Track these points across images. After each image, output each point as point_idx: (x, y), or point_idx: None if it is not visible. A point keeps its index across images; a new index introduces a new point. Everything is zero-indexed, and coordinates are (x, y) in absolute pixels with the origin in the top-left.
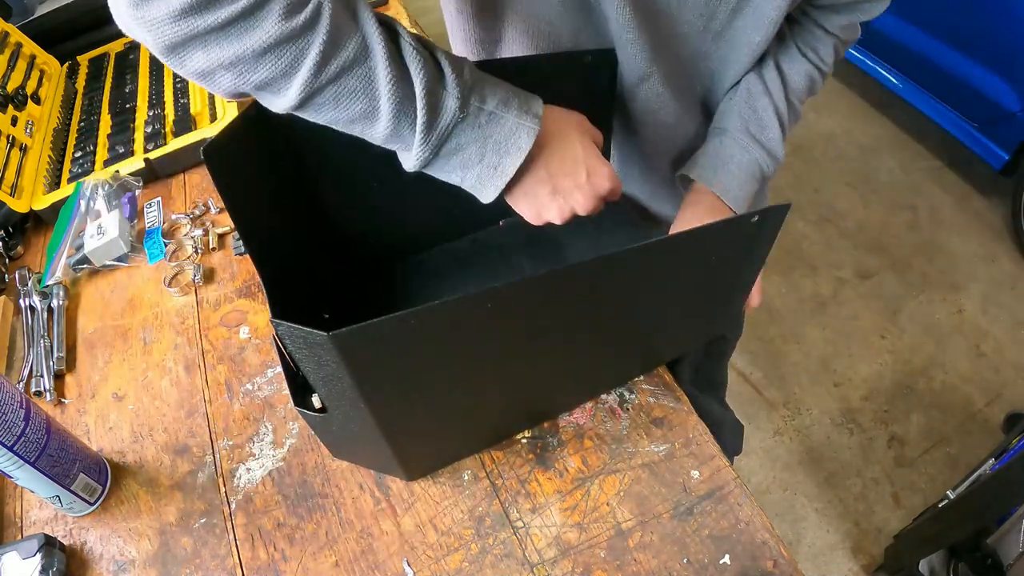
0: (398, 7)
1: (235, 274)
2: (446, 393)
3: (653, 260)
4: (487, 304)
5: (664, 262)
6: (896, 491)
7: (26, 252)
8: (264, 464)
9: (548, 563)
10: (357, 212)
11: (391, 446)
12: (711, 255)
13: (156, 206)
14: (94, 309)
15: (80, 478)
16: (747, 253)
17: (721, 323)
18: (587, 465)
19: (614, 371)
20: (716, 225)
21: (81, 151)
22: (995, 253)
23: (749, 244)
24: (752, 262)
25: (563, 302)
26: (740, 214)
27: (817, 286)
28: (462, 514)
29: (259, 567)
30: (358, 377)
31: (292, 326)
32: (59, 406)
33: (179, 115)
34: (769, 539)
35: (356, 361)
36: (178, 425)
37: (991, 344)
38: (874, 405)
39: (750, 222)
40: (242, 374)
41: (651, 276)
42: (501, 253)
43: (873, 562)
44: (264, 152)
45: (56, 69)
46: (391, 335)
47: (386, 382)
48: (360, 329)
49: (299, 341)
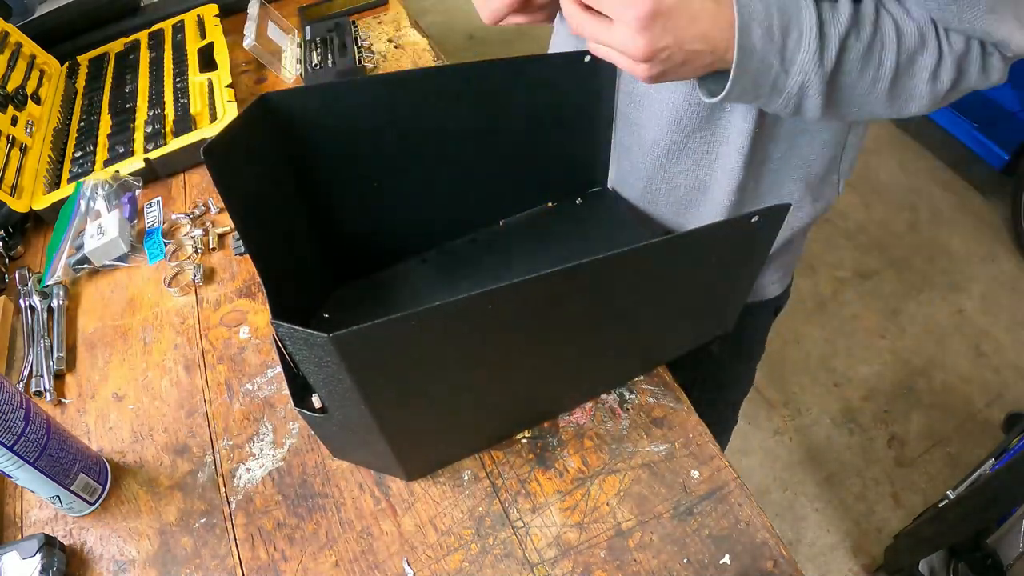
0: (398, 7)
1: (235, 274)
2: (446, 394)
3: (653, 260)
4: (487, 305)
5: (664, 262)
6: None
7: (26, 252)
8: (264, 464)
9: (548, 563)
10: (357, 212)
11: (391, 446)
12: (711, 255)
13: (156, 206)
14: (94, 309)
15: (80, 478)
16: (747, 252)
17: (720, 322)
18: (587, 465)
19: (614, 371)
20: (716, 225)
21: (81, 151)
22: (995, 253)
23: (749, 243)
24: (752, 261)
25: (564, 302)
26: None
27: (817, 286)
28: (462, 514)
29: (259, 567)
30: (359, 378)
31: (293, 327)
32: (59, 406)
33: (179, 115)
34: (769, 539)
35: (357, 362)
36: (178, 425)
37: (991, 344)
38: (874, 405)
39: (750, 222)
40: (242, 374)
41: (651, 276)
42: (501, 253)
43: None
44: (264, 152)
45: (56, 69)
46: (392, 336)
47: (386, 383)
48: (361, 331)
49: (300, 342)
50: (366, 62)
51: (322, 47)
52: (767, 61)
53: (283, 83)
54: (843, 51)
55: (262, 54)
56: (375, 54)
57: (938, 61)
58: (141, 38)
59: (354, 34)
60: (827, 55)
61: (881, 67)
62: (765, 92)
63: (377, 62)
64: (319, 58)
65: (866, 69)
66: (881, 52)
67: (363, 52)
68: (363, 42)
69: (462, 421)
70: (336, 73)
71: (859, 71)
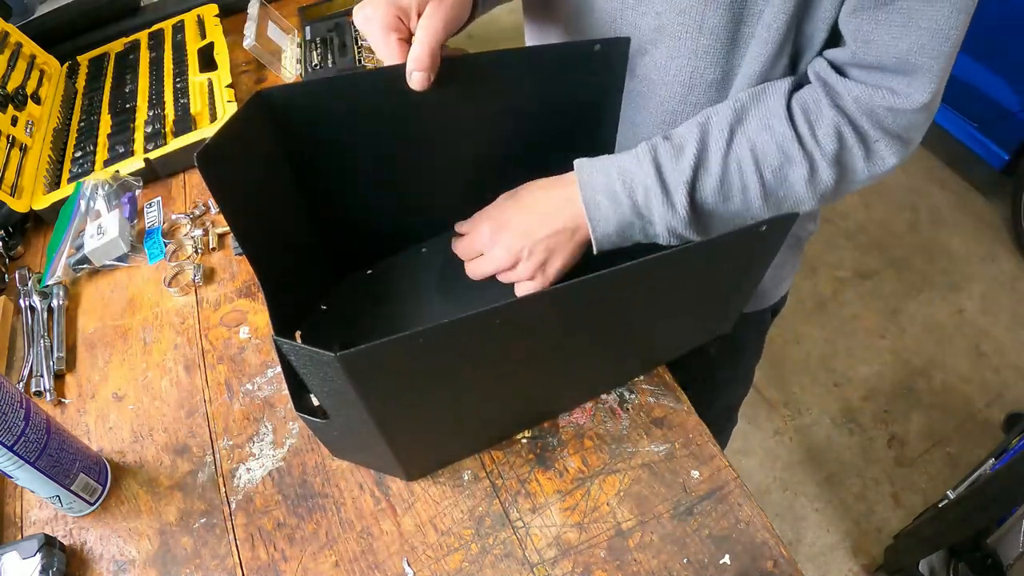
0: None
1: (235, 274)
2: (450, 400)
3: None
4: (495, 320)
5: (674, 272)
6: (896, 491)
7: (26, 252)
8: (264, 464)
9: (548, 563)
10: (357, 202)
11: (392, 449)
12: (721, 264)
13: (156, 206)
14: (94, 309)
15: (80, 478)
16: (752, 258)
17: (721, 323)
18: (587, 465)
19: (615, 371)
20: (727, 235)
21: (81, 151)
22: (995, 253)
23: (755, 250)
24: (756, 266)
25: (571, 314)
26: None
27: (817, 286)
28: (462, 514)
29: (259, 567)
30: (364, 392)
31: (297, 345)
32: (59, 406)
33: (179, 115)
34: (769, 539)
35: (362, 379)
36: (178, 425)
37: (991, 344)
38: (874, 405)
39: (759, 231)
40: (242, 374)
41: (659, 284)
42: None
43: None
44: (261, 149)
45: (56, 69)
46: (399, 353)
47: (391, 395)
48: (367, 349)
49: (304, 359)
50: (366, 62)
51: (322, 47)
52: (625, 219)
53: (283, 83)
54: (694, 191)
55: (262, 54)
56: (375, 54)
57: (810, 168)
58: (141, 38)
59: (354, 34)
60: (676, 200)
61: (746, 189)
62: (641, 238)
63: (377, 62)
64: (319, 58)
65: (730, 196)
66: (740, 176)
67: (363, 52)
68: (363, 42)
69: (464, 424)
70: (336, 73)
71: (721, 200)
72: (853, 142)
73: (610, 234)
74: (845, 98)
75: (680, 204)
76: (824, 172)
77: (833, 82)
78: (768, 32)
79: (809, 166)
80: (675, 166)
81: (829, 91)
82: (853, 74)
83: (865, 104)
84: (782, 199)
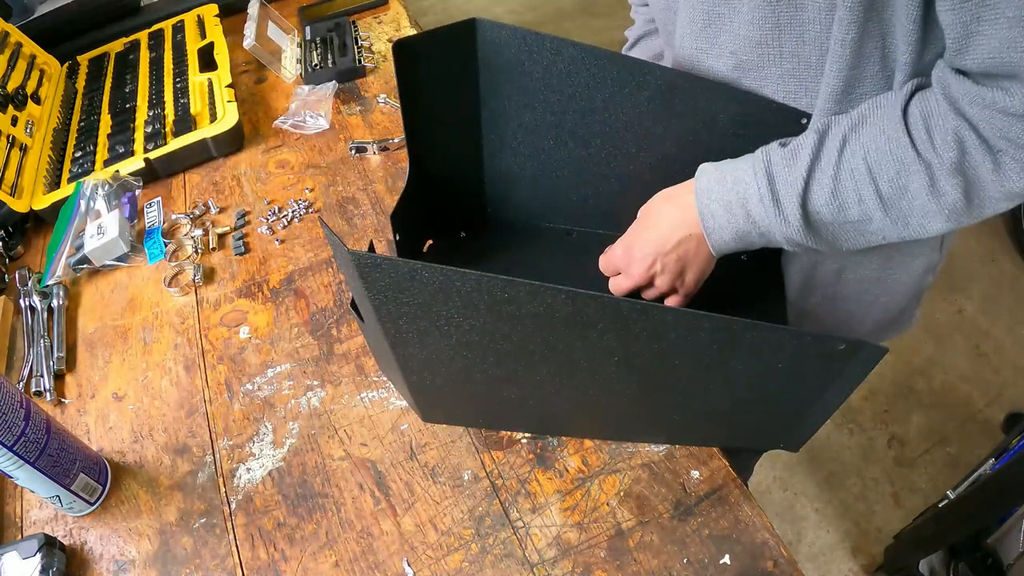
0: (398, 7)
1: (235, 274)
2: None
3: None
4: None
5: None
6: (896, 491)
7: (26, 252)
8: (264, 464)
9: (548, 563)
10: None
11: (404, 376)
12: (777, 359)
13: (156, 206)
14: (94, 309)
15: (80, 478)
16: (826, 380)
17: (782, 438)
18: (587, 465)
19: (632, 424)
20: (788, 331)
21: (81, 151)
22: (995, 253)
23: (830, 371)
24: (831, 393)
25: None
26: (825, 335)
27: None
28: (462, 514)
29: (259, 567)
30: (376, 302)
31: (333, 233)
32: (59, 406)
33: (179, 115)
34: (769, 539)
35: (375, 288)
36: (178, 425)
37: (991, 344)
38: (874, 405)
39: (836, 349)
40: (242, 374)
41: (704, 348)
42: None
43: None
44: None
45: (56, 69)
46: (409, 277)
47: (400, 316)
48: (378, 259)
49: (337, 248)
50: (366, 62)
51: (322, 47)
52: (740, 228)
53: (283, 83)
54: (806, 202)
55: (262, 54)
56: (375, 54)
57: (930, 177)
58: (141, 38)
59: (354, 34)
60: (788, 211)
61: (862, 200)
62: (763, 244)
63: (377, 62)
64: (319, 58)
65: (846, 206)
66: (855, 185)
67: (363, 52)
68: (363, 42)
69: (476, 395)
70: (336, 73)
71: (838, 210)
72: (975, 149)
73: (727, 241)
74: (961, 101)
75: (792, 215)
76: (945, 182)
77: (950, 84)
78: (842, 48)
79: (928, 175)
80: (788, 176)
81: (948, 94)
82: (974, 76)
83: (986, 107)
84: (907, 212)
